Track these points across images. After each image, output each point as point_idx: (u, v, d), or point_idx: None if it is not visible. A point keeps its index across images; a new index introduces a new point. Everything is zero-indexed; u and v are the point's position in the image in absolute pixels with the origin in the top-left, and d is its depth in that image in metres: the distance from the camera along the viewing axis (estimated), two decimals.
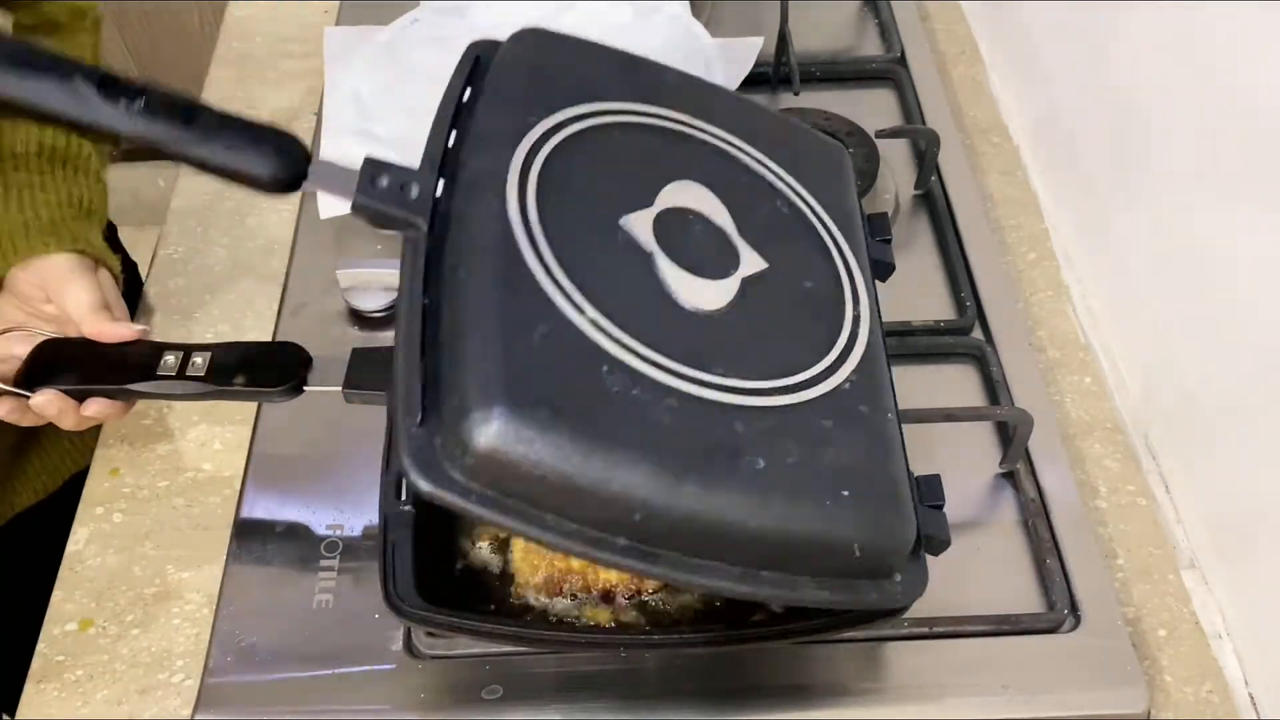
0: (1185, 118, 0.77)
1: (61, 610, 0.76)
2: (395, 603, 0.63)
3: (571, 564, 0.68)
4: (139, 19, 2.28)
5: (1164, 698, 0.73)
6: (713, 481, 0.53)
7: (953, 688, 0.71)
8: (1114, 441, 0.85)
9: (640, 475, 0.52)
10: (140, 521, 0.81)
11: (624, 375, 0.53)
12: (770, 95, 1.11)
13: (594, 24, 1.11)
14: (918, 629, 0.73)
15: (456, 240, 0.58)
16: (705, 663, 0.72)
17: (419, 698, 0.70)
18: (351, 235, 0.98)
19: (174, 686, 0.73)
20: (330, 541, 0.78)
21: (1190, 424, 0.81)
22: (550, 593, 0.68)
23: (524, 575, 0.68)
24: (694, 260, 0.60)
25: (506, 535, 0.70)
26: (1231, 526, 0.76)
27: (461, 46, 0.69)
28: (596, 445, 0.51)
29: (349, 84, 1.05)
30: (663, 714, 0.70)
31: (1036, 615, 0.74)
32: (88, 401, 0.76)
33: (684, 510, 0.52)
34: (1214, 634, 0.76)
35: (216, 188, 1.04)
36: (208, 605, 0.76)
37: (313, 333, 0.90)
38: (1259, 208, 0.70)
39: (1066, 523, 0.78)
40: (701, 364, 0.56)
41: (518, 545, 0.69)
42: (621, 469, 0.51)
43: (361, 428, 0.77)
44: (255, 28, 1.21)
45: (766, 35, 1.10)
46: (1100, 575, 0.76)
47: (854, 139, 1.01)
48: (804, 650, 0.73)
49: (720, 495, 0.53)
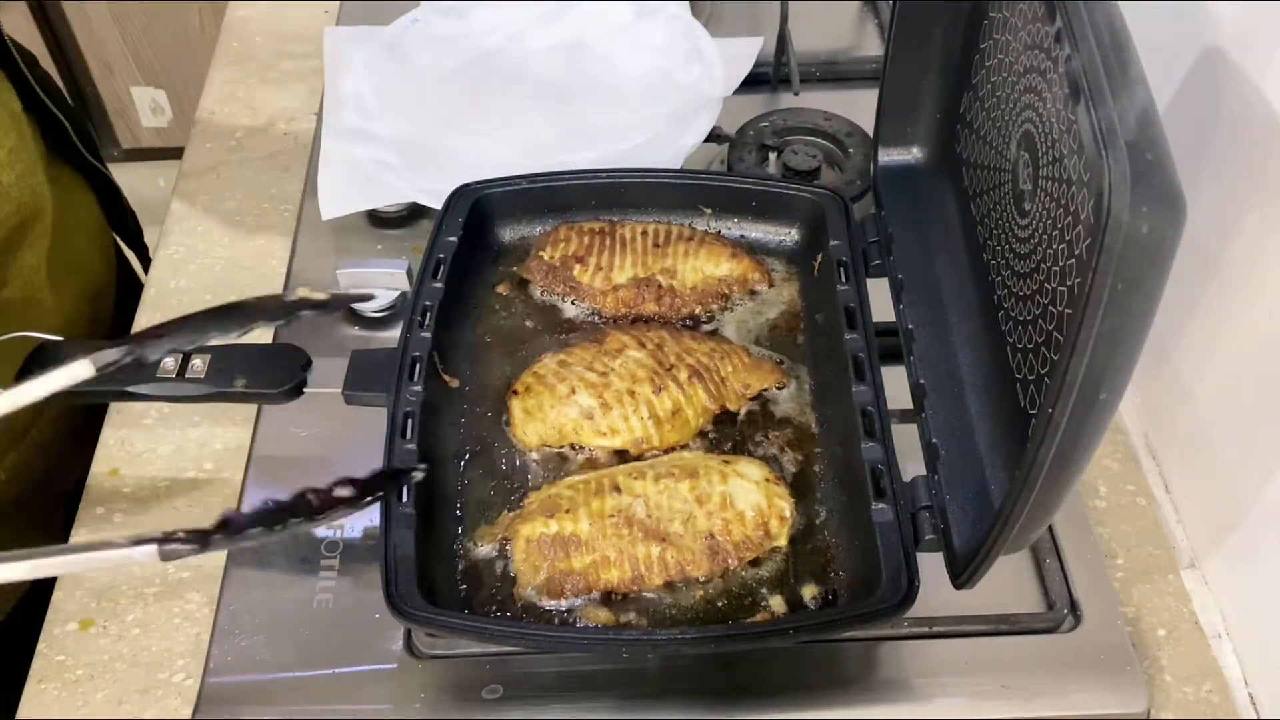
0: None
1: (61, 610, 0.76)
2: (396, 603, 0.63)
3: (572, 565, 0.68)
4: (139, 19, 2.29)
5: (1164, 697, 0.73)
6: None
7: (953, 687, 0.71)
8: (1114, 441, 0.85)
9: None
10: (140, 521, 0.81)
11: None
12: (770, 95, 1.11)
13: (594, 24, 1.11)
14: (918, 629, 0.73)
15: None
16: (705, 663, 0.72)
17: (419, 698, 0.70)
18: (351, 235, 0.98)
19: (174, 686, 0.73)
20: (330, 541, 0.78)
21: (1190, 424, 0.81)
22: (552, 594, 0.68)
23: (525, 577, 0.69)
24: None
25: (509, 537, 0.70)
26: (1231, 526, 0.76)
27: (461, 46, 0.69)
28: None
29: (349, 84, 1.05)
30: (663, 714, 0.70)
31: (1036, 615, 0.74)
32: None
33: None
34: (1214, 634, 0.76)
35: (216, 188, 1.04)
36: (208, 605, 0.76)
37: (313, 333, 0.90)
38: (1258, 209, 0.71)
39: (1066, 522, 0.78)
40: None
41: (518, 547, 0.69)
42: None
43: (361, 428, 0.77)
44: (255, 28, 1.21)
45: (766, 35, 1.10)
46: (1100, 575, 0.76)
47: (854, 139, 1.02)
48: (804, 650, 0.73)
49: None
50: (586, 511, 0.70)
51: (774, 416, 0.78)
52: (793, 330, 0.84)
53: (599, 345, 0.79)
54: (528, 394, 0.76)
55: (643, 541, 0.69)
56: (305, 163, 1.05)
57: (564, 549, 0.69)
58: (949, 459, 0.70)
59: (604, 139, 1.01)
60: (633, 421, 0.75)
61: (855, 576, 0.69)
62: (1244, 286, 0.73)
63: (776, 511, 0.71)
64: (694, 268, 0.85)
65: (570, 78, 1.08)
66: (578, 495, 0.71)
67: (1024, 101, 0.65)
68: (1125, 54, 0.52)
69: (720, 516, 0.70)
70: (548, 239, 0.87)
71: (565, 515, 0.70)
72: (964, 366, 0.74)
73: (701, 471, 0.72)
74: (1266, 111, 0.68)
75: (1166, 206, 0.46)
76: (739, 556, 0.69)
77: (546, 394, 0.76)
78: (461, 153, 1.01)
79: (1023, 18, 0.65)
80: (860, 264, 0.82)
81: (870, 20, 1.21)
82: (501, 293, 0.86)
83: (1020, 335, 0.65)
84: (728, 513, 0.70)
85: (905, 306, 0.78)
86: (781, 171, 0.99)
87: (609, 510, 0.70)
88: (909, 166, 0.85)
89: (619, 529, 0.69)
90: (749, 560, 0.70)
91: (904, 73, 0.81)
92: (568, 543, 0.69)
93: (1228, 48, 0.72)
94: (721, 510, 0.70)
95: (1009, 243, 0.67)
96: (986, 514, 0.66)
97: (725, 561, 0.69)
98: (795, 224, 0.88)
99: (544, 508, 0.71)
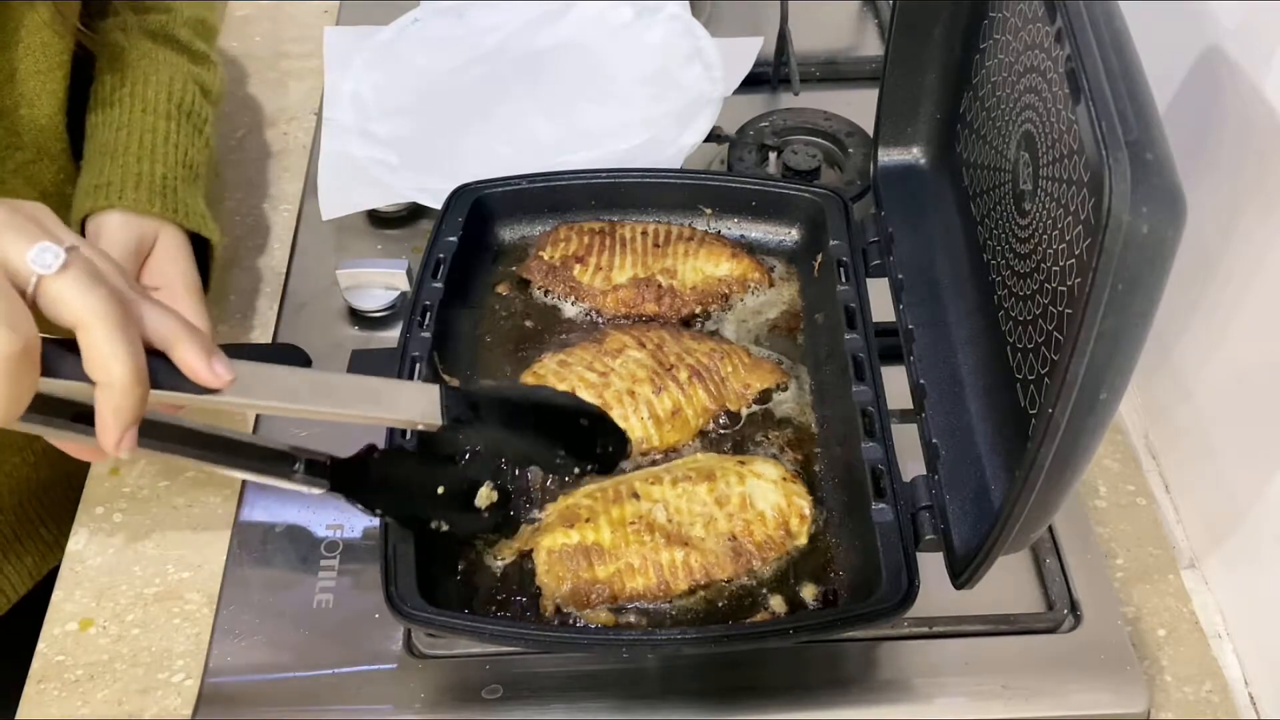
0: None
1: (61, 610, 0.76)
2: (397, 603, 0.63)
3: (596, 574, 0.68)
4: None
5: (1164, 697, 0.73)
6: None
7: (953, 687, 0.71)
8: (1114, 441, 0.85)
9: None
10: (140, 521, 0.81)
11: None
12: (770, 95, 1.11)
13: (594, 24, 1.11)
14: (918, 629, 0.73)
15: None
16: (705, 663, 0.72)
17: (419, 698, 0.70)
18: (351, 235, 0.98)
19: (174, 686, 0.73)
20: (330, 542, 0.78)
21: (1190, 424, 0.81)
22: (579, 605, 0.68)
23: (550, 589, 0.68)
24: None
25: (529, 549, 0.70)
26: (1231, 526, 0.76)
27: (462, 46, 0.69)
28: None
29: (349, 84, 1.05)
30: (663, 714, 0.70)
31: (1036, 615, 0.74)
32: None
33: None
34: (1214, 634, 0.76)
35: (217, 187, 1.04)
36: (208, 605, 0.76)
37: (313, 333, 0.90)
38: (1258, 209, 0.71)
39: (1066, 522, 0.78)
40: None
41: (540, 559, 0.69)
42: None
43: (362, 428, 0.77)
44: (255, 28, 1.21)
45: (766, 35, 1.10)
46: (1100, 575, 0.76)
47: (854, 139, 1.02)
48: (804, 650, 0.73)
49: None
50: (607, 519, 0.70)
51: (774, 416, 0.78)
52: (793, 330, 0.84)
53: (599, 345, 0.79)
54: None
55: (665, 547, 0.68)
56: (305, 163, 1.05)
57: (587, 558, 0.68)
58: (949, 459, 0.70)
59: (604, 139, 1.01)
60: (633, 421, 0.75)
61: (855, 576, 0.69)
62: (1244, 286, 0.73)
63: (796, 510, 0.71)
64: (694, 268, 0.85)
65: (570, 78, 1.08)
66: (596, 504, 0.71)
67: (1024, 101, 0.65)
68: (1125, 54, 0.52)
69: (741, 518, 0.70)
70: (548, 239, 0.87)
71: (585, 524, 0.69)
72: (964, 366, 0.74)
73: (719, 473, 0.72)
74: (1266, 111, 0.68)
75: (1166, 206, 0.46)
76: (762, 557, 0.69)
77: None
78: (461, 153, 1.01)
79: (1023, 18, 0.65)
80: (860, 264, 0.82)
81: (870, 20, 1.21)
82: (501, 293, 0.86)
83: (1020, 335, 0.65)
84: (748, 513, 0.70)
85: (905, 306, 0.78)
86: (781, 171, 0.99)
87: (629, 517, 0.70)
88: (909, 166, 0.85)
89: (640, 535, 0.69)
90: (771, 560, 0.70)
91: (904, 72, 0.81)
92: (590, 552, 0.68)
93: (1228, 48, 0.72)
94: (742, 511, 0.70)
95: (1009, 243, 0.67)
96: (986, 514, 0.66)
97: (749, 563, 0.69)
98: (795, 224, 0.89)
99: (563, 518, 0.70)
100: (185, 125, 0.86)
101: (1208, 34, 0.73)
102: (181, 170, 0.83)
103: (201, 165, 0.87)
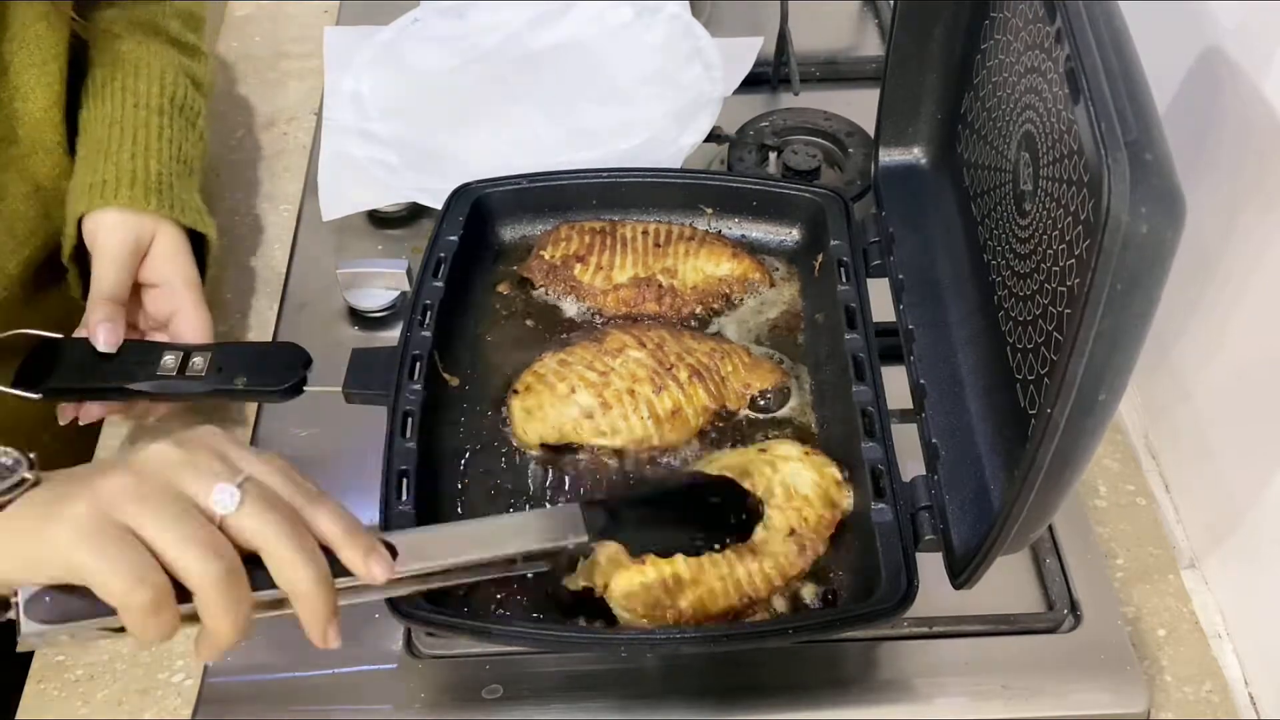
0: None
1: None
2: (396, 603, 0.63)
3: (680, 606, 0.65)
4: None
5: (1164, 697, 0.73)
6: None
7: (953, 687, 0.71)
8: (1113, 441, 0.85)
9: None
10: None
11: None
12: (770, 95, 1.11)
13: (594, 24, 1.11)
14: (918, 629, 0.73)
15: None
16: (705, 663, 0.72)
17: (419, 698, 0.70)
18: (351, 235, 0.98)
19: (174, 686, 0.73)
20: None
21: (1190, 424, 0.81)
22: (653, 619, 0.65)
23: (630, 624, 0.66)
24: None
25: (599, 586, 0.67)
26: (1231, 526, 0.76)
27: (462, 46, 0.69)
28: None
29: (349, 84, 1.05)
30: (663, 714, 0.70)
31: (1036, 615, 0.74)
32: (86, 406, 0.76)
33: None
34: (1214, 634, 0.76)
35: (216, 188, 1.04)
36: None
37: (313, 333, 0.90)
38: (1258, 209, 0.71)
39: (1066, 522, 0.78)
40: None
41: (617, 600, 0.66)
42: None
43: (361, 428, 0.77)
44: (255, 28, 1.21)
45: (766, 35, 1.10)
46: (1100, 575, 0.76)
47: (854, 139, 1.02)
48: (804, 650, 0.73)
49: None
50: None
51: (774, 416, 0.78)
52: (793, 330, 0.84)
53: (599, 345, 0.79)
54: (528, 393, 0.76)
55: (739, 562, 0.67)
56: (305, 163, 1.05)
57: (666, 592, 0.66)
58: (949, 459, 0.70)
59: (604, 139, 1.01)
60: (633, 421, 0.75)
61: (855, 577, 0.69)
62: (1243, 286, 0.73)
63: (830, 479, 0.70)
64: (694, 267, 0.85)
65: (570, 78, 1.07)
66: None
67: (1024, 101, 0.65)
68: (1125, 54, 0.52)
69: (791, 507, 0.69)
70: (548, 238, 0.87)
71: (658, 558, 0.67)
72: (964, 367, 0.74)
73: (753, 470, 0.71)
74: (1266, 111, 0.68)
75: (1166, 206, 0.46)
76: (822, 538, 0.69)
77: (547, 393, 0.76)
78: (461, 152, 1.01)
79: (1023, 18, 0.65)
80: (860, 264, 0.82)
81: (870, 20, 1.21)
82: (502, 292, 0.86)
83: (1020, 335, 0.65)
84: (796, 500, 0.69)
85: (905, 306, 0.78)
86: (782, 171, 0.99)
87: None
88: (910, 166, 0.85)
89: (714, 558, 0.67)
90: (827, 539, 0.69)
91: (905, 72, 0.81)
92: (668, 585, 0.66)
93: (1228, 48, 0.72)
94: (789, 501, 0.69)
95: (1009, 243, 0.67)
96: (986, 514, 0.66)
97: (816, 549, 0.68)
98: (796, 224, 0.89)
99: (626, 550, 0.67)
100: (178, 119, 0.86)
101: (1208, 34, 0.73)
102: (176, 166, 0.83)
103: (195, 159, 0.87)
